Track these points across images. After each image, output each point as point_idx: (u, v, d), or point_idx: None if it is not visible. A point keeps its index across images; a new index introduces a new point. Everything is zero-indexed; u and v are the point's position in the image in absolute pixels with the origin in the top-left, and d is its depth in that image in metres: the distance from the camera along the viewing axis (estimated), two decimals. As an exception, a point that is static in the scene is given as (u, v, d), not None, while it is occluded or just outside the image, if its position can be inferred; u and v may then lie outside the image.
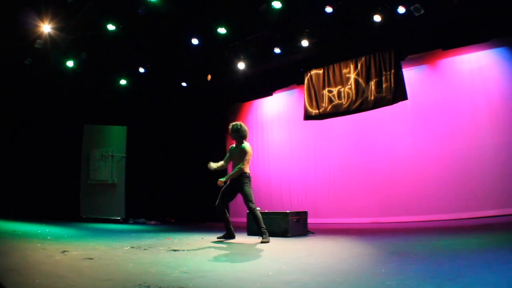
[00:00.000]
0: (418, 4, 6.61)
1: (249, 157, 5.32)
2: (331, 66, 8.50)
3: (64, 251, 3.76)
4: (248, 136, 5.50)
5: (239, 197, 5.49)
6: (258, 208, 5.30)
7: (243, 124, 5.48)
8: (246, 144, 5.38)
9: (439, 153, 7.48)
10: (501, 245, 3.87)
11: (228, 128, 5.55)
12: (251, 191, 5.29)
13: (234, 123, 5.50)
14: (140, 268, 3.07)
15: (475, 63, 7.29)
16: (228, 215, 5.54)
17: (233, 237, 5.47)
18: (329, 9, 7.25)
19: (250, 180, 5.33)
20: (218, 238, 5.49)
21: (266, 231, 5.18)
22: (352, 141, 8.66)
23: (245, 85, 9.86)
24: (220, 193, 5.46)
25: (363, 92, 7.94)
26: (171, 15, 7.71)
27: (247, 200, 5.22)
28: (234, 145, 5.57)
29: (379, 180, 8.09)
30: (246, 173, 5.32)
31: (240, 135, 5.39)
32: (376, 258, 3.59)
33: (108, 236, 5.80)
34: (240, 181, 5.28)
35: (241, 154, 5.33)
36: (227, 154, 5.59)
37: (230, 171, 5.46)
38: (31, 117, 9.41)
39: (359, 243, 4.66)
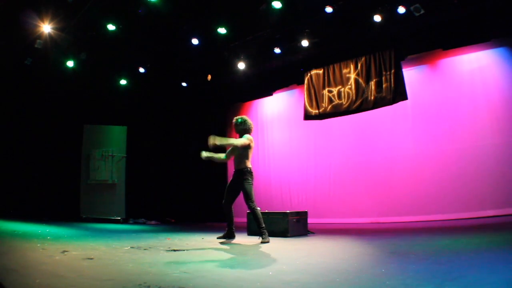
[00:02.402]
0: (418, 4, 6.62)
1: (250, 150, 5.18)
2: (331, 66, 8.50)
3: (64, 251, 3.76)
4: (253, 130, 5.39)
5: (239, 197, 5.46)
6: (258, 208, 5.27)
7: (247, 118, 5.38)
8: (248, 135, 5.26)
9: (439, 153, 7.48)
10: (501, 245, 3.87)
11: (232, 123, 5.43)
12: (252, 189, 5.15)
13: (238, 117, 5.39)
14: (140, 268, 3.07)
15: (475, 63, 7.29)
16: (233, 214, 5.42)
17: (233, 237, 5.42)
18: (329, 9, 7.25)
19: (252, 176, 5.20)
20: (218, 238, 5.47)
21: (266, 231, 5.12)
22: (352, 141, 8.66)
23: (245, 85, 9.86)
24: (225, 190, 5.37)
25: (363, 92, 7.95)
26: (171, 15, 7.71)
27: (247, 198, 5.12)
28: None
29: (379, 180, 8.09)
30: (247, 167, 5.19)
31: (244, 128, 5.28)
32: (376, 258, 3.59)
33: (108, 236, 5.79)
34: (241, 177, 5.17)
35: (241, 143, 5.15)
36: (230, 148, 5.39)
37: (232, 167, 5.40)
38: (31, 117, 9.41)
39: (359, 243, 4.66)
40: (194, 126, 11.08)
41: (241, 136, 5.31)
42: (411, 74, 7.81)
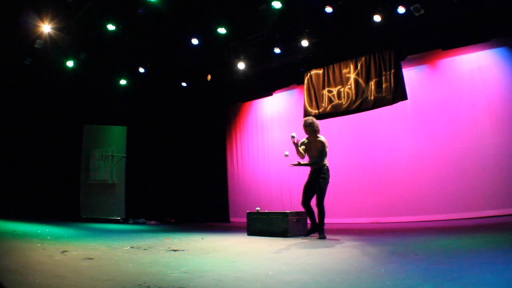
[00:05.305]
0: (418, 4, 6.62)
1: (326, 149, 5.49)
2: (331, 66, 8.50)
3: (64, 251, 3.76)
4: (320, 129, 5.65)
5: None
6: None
7: (314, 119, 5.68)
8: (322, 137, 5.55)
9: (439, 153, 7.48)
10: (501, 245, 3.87)
11: (302, 125, 5.65)
12: (326, 189, 5.42)
13: (307, 118, 5.69)
14: (140, 268, 3.07)
15: (475, 63, 7.29)
16: (313, 210, 5.63)
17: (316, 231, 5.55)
18: (329, 9, 7.25)
19: (329, 174, 5.47)
20: (303, 236, 5.62)
21: (324, 228, 5.35)
22: (352, 141, 8.65)
23: (245, 85, 9.86)
24: (303, 189, 5.61)
25: (363, 92, 7.94)
26: (171, 15, 7.71)
27: (320, 197, 5.35)
28: (306, 139, 5.69)
29: (379, 180, 8.08)
30: (325, 165, 5.48)
31: (314, 129, 5.56)
32: (376, 258, 3.59)
33: (108, 236, 5.80)
34: (319, 175, 5.43)
35: (317, 146, 5.50)
36: (302, 147, 5.65)
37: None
38: (31, 117, 9.41)
39: (359, 243, 4.66)
40: (194, 126, 11.09)
41: (311, 136, 5.60)
42: (411, 74, 7.81)
